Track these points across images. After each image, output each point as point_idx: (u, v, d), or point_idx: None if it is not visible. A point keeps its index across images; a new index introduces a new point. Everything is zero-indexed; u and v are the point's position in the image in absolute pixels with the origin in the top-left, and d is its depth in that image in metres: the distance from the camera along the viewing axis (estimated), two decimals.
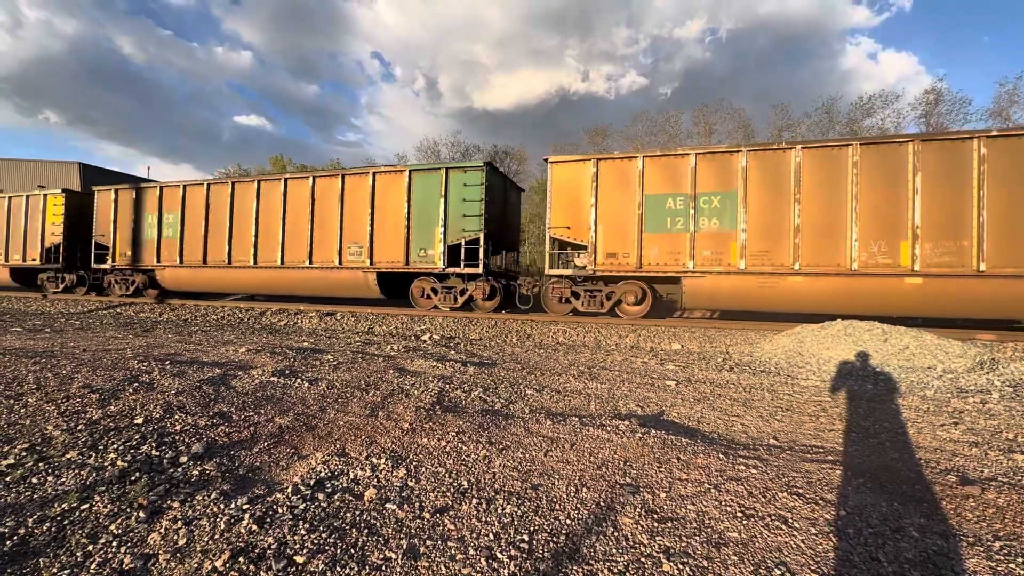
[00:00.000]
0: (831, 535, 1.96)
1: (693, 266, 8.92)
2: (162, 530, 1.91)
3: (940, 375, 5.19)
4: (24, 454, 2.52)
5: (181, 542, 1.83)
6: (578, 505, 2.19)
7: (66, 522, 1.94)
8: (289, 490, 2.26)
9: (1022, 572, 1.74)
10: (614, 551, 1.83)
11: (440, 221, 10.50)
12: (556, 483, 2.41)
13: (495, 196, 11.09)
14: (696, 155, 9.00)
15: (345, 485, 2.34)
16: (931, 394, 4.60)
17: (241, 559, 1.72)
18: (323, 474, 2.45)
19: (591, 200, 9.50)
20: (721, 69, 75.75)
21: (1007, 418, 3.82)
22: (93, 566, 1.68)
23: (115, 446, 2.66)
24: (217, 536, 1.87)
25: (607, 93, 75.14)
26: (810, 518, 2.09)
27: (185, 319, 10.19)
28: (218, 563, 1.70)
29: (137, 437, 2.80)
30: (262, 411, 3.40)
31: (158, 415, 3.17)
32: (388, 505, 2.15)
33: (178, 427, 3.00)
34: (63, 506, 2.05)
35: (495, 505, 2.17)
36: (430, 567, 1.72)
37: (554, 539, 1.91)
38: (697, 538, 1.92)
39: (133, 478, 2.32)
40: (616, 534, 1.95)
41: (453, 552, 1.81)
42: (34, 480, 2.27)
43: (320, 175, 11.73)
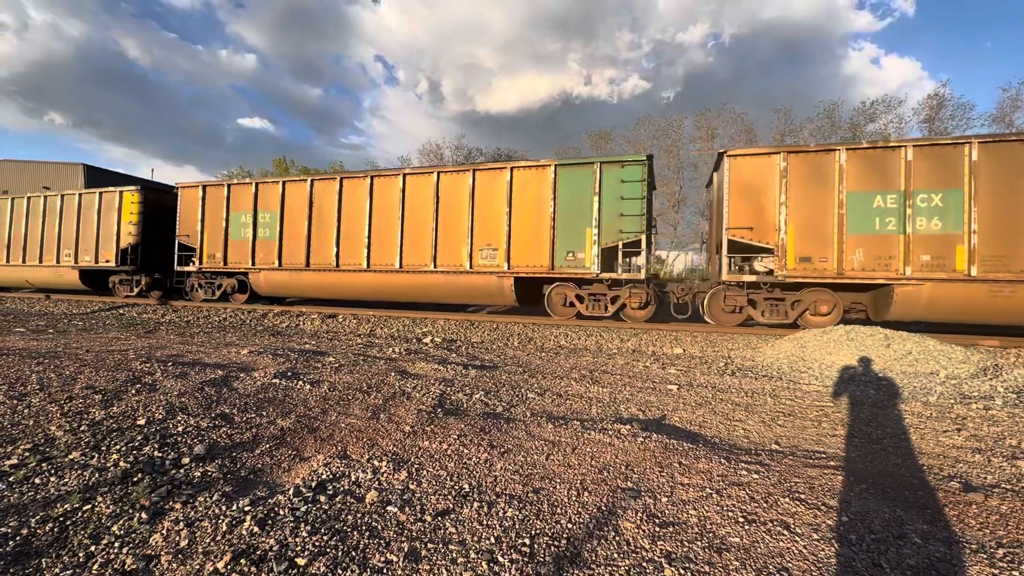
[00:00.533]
0: (833, 541, 1.95)
1: (910, 272, 7.87)
2: (164, 531, 1.91)
3: (943, 381, 5.17)
4: (27, 454, 2.53)
5: (183, 543, 1.83)
6: (579, 509, 2.19)
7: (68, 523, 1.95)
8: (291, 492, 2.26)
9: None
10: (615, 556, 1.83)
11: (593, 221, 9.39)
12: (557, 487, 2.41)
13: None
14: (912, 147, 8.00)
15: (347, 487, 2.34)
16: (934, 400, 4.58)
17: (243, 561, 1.73)
18: (325, 476, 2.45)
19: (780, 198, 8.46)
20: (724, 73, 76.03)
21: (1010, 424, 3.80)
22: (95, 567, 1.69)
23: (118, 447, 2.67)
24: (219, 538, 1.87)
25: (610, 97, 75.43)
26: (812, 524, 2.08)
27: (188, 320, 10.22)
28: (220, 565, 1.70)
29: (140, 438, 2.81)
30: (264, 413, 3.41)
31: (160, 416, 3.18)
32: (389, 508, 2.15)
33: (180, 428, 3.01)
34: (66, 507, 2.06)
35: (496, 508, 2.17)
36: (431, 570, 1.72)
37: (555, 543, 1.91)
38: (699, 543, 1.92)
39: (135, 479, 2.33)
40: (617, 538, 1.95)
41: (454, 555, 1.81)
42: (37, 480, 2.28)
43: (446, 171, 10.63)
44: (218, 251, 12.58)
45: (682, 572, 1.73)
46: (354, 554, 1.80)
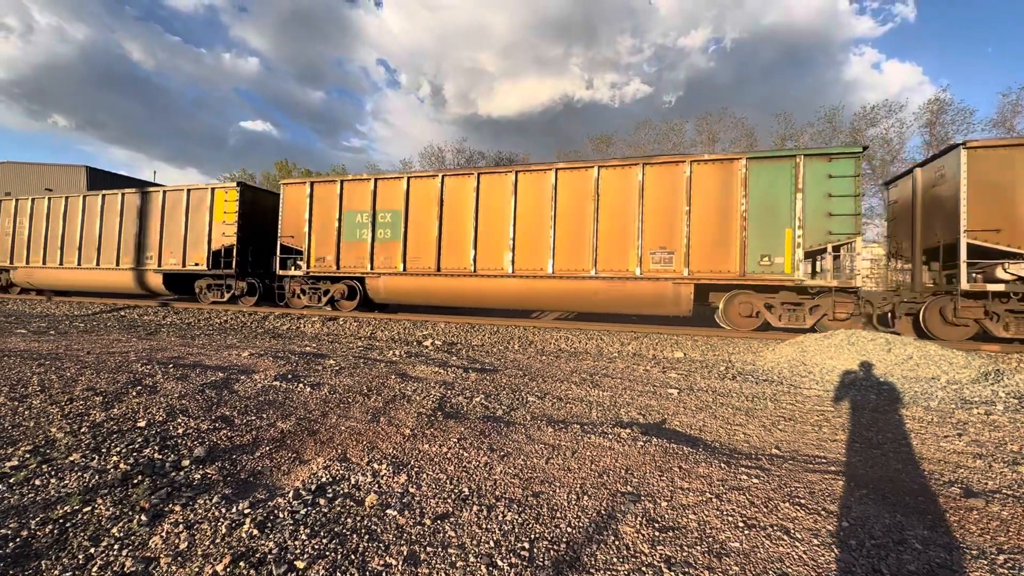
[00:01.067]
0: (833, 546, 1.94)
1: None
2: (163, 533, 1.91)
3: (944, 386, 5.16)
4: (28, 456, 2.53)
5: (182, 546, 1.83)
6: (579, 513, 2.18)
7: (68, 524, 1.95)
8: (290, 495, 2.26)
9: None
10: (615, 560, 1.83)
11: (794, 221, 8.34)
12: (557, 491, 2.41)
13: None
14: None
15: (346, 491, 2.34)
16: (935, 405, 4.57)
17: (242, 563, 1.73)
18: (324, 479, 2.45)
19: None
20: (725, 78, 76.26)
21: (1012, 430, 3.79)
22: (95, 569, 1.69)
23: (118, 449, 2.67)
24: (218, 540, 1.87)
25: (611, 101, 75.67)
26: (812, 529, 2.08)
27: (188, 323, 10.23)
28: (219, 567, 1.70)
29: (140, 440, 2.81)
30: (264, 415, 3.41)
31: (161, 418, 3.18)
32: (389, 511, 2.15)
33: (180, 430, 3.01)
34: (65, 508, 2.06)
35: (496, 512, 2.17)
36: (430, 574, 1.72)
37: (555, 547, 1.91)
38: (698, 548, 1.91)
39: (135, 481, 2.33)
40: (617, 543, 1.94)
41: (454, 559, 1.81)
42: (37, 482, 2.28)
43: (607, 164, 9.61)
44: (329, 254, 11.46)
45: None
46: (353, 557, 1.80)
